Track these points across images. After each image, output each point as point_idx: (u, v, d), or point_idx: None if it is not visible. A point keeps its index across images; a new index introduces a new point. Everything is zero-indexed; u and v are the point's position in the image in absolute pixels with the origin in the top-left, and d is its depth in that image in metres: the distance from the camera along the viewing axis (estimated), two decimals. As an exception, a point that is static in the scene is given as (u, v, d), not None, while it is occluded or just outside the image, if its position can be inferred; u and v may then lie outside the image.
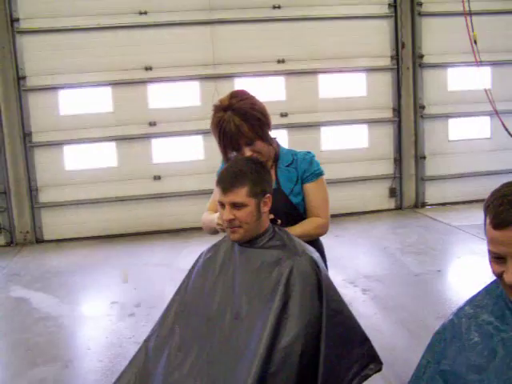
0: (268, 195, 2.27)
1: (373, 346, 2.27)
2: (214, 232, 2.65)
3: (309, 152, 2.81)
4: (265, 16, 8.60)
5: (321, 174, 2.75)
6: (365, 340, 2.24)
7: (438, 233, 7.78)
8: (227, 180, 2.20)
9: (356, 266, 6.48)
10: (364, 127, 9.14)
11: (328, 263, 2.67)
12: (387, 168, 9.24)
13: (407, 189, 9.29)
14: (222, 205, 2.21)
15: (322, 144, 8.98)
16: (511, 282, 1.47)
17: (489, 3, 8.96)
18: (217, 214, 2.50)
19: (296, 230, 2.54)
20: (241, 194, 2.18)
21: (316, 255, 2.23)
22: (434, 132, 9.30)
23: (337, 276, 5.91)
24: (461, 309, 1.74)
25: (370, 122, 9.10)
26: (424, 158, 9.27)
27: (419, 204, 9.30)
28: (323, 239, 2.80)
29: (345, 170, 8.95)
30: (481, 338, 1.60)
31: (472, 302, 1.73)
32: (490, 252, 1.53)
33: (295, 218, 2.66)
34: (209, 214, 2.73)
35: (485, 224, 1.53)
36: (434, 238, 7.50)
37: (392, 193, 9.25)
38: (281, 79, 8.80)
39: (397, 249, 7.13)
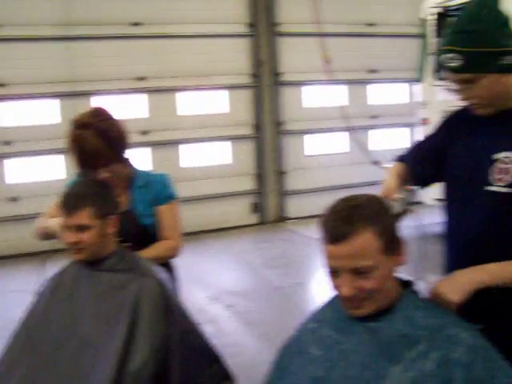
0: (113, 216, 2.23)
1: (224, 364, 2.28)
2: (47, 238, 2.57)
3: (163, 174, 2.81)
4: (124, 33, 8.47)
5: (174, 196, 2.77)
6: (216, 358, 2.25)
7: (299, 246, 7.97)
8: (70, 202, 2.14)
9: (219, 282, 6.50)
10: (227, 144, 9.25)
11: (191, 281, 2.68)
12: (249, 183, 9.39)
13: (269, 204, 9.47)
14: (67, 228, 2.15)
15: (185, 161, 8.98)
16: (345, 295, 1.54)
17: (341, 26, 9.38)
18: (55, 221, 2.42)
19: (146, 252, 2.51)
20: (84, 217, 2.13)
21: (163, 276, 2.22)
22: (294, 147, 9.58)
23: (200, 293, 5.92)
24: (304, 323, 1.80)
25: (233, 138, 9.21)
26: (284, 173, 9.51)
27: (281, 218, 9.50)
28: (183, 258, 2.79)
29: (208, 186, 8.99)
30: (322, 351, 1.66)
31: (314, 316, 1.79)
32: (327, 266, 1.59)
33: (147, 240, 2.64)
34: (44, 219, 2.64)
35: (321, 239, 1.59)
36: (295, 251, 7.68)
37: (255, 208, 9.40)
38: (142, 96, 8.71)
39: (260, 263, 7.24)
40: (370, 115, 9.93)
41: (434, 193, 2.18)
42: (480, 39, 1.77)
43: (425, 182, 2.25)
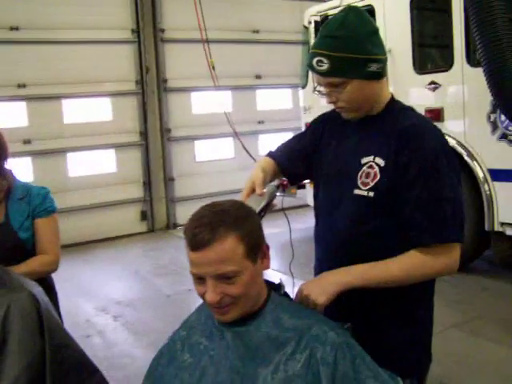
0: None
1: (103, 377, 2.24)
2: None
3: (44, 187, 2.75)
4: (2, 37, 8.10)
5: (53, 210, 2.72)
6: (95, 372, 2.20)
7: (189, 252, 7.93)
8: None
9: (107, 292, 6.36)
10: (112, 152, 9.08)
11: (79, 292, 2.63)
12: (137, 191, 9.28)
13: (158, 211, 9.41)
14: None
15: (70, 170, 8.74)
16: (210, 301, 1.55)
17: (226, 32, 9.50)
18: None
19: (21, 268, 2.44)
20: None
21: (37, 290, 2.14)
22: (181, 154, 9.56)
23: (88, 304, 5.77)
24: (176, 332, 1.79)
25: (118, 146, 9.07)
26: (172, 179, 9.46)
27: (171, 225, 9.46)
28: (71, 269, 2.73)
29: (94, 195, 8.81)
30: (193, 358, 1.67)
31: (185, 323, 1.79)
32: (191, 273, 1.59)
33: (23, 254, 2.57)
34: None
35: (186, 246, 1.59)
36: (185, 258, 7.54)
37: (143, 216, 9.30)
38: (22, 104, 8.39)
39: (149, 272, 7.16)
40: (257, 120, 10.07)
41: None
42: (347, 45, 1.80)
43: (293, 179, 2.28)
